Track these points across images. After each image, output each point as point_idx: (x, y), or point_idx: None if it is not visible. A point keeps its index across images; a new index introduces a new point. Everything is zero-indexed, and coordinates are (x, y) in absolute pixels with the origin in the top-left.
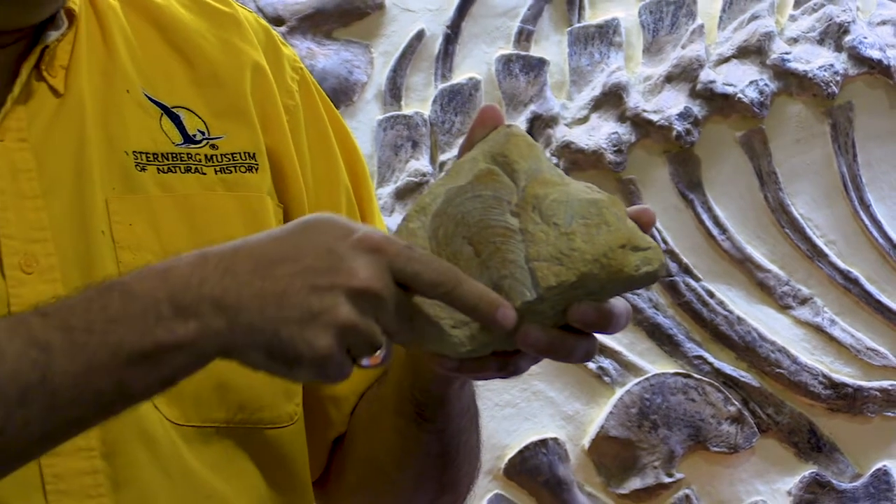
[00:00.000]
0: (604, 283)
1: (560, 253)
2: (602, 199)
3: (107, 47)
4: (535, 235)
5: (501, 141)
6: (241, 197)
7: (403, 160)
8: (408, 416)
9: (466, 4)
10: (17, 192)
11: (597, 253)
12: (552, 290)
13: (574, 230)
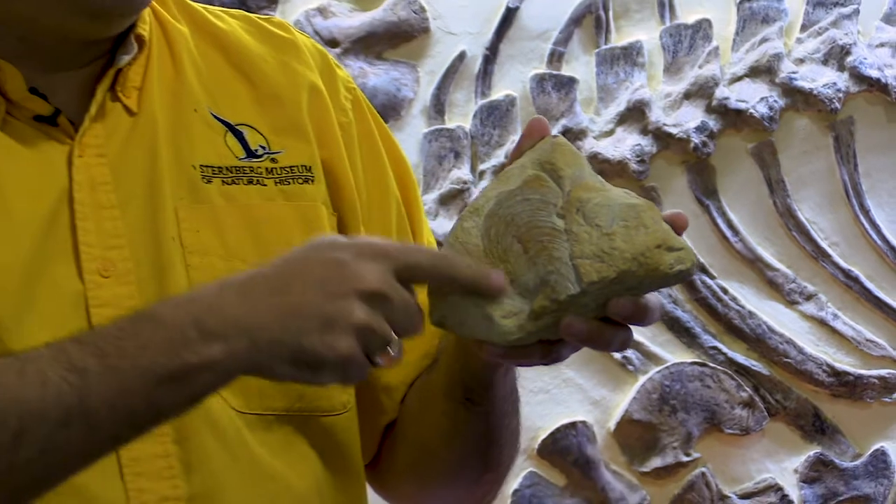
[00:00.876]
0: (641, 280)
1: (602, 252)
2: (640, 204)
3: (176, 69)
4: (578, 235)
5: (548, 150)
6: (299, 206)
7: (446, 169)
8: (457, 399)
9: (504, 28)
10: (95, 204)
11: (635, 252)
12: (594, 285)
13: (615, 231)
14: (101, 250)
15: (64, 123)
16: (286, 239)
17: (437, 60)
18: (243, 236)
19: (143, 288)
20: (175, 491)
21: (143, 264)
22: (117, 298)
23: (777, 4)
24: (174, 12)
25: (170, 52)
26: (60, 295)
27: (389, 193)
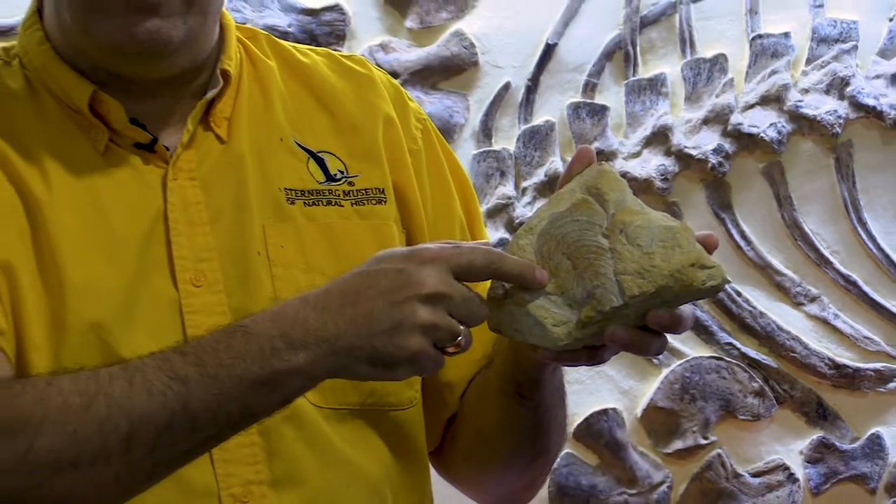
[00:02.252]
0: (677, 294)
1: (642, 269)
2: (676, 227)
3: (265, 102)
4: (621, 254)
5: (595, 176)
6: (372, 224)
7: (493, 186)
8: (510, 394)
9: (544, 62)
10: (188, 221)
11: (672, 269)
12: (635, 299)
13: (654, 251)
14: (193, 262)
15: (160, 150)
16: (361, 254)
17: (484, 90)
18: (322, 251)
19: (231, 296)
20: (258, 476)
21: (230, 275)
22: (208, 305)
23: (785, 41)
24: (265, 49)
25: (259, 85)
26: (158, 303)
27: (454, 212)
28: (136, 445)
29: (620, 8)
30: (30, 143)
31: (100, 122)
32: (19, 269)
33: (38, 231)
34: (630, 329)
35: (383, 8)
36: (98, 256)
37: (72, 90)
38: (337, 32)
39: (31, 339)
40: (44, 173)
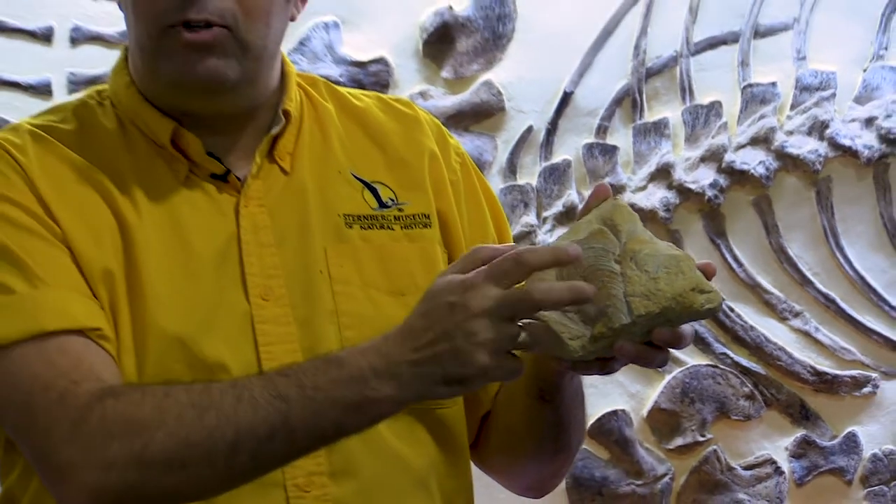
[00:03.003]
0: (678, 314)
1: (649, 291)
2: (680, 255)
3: (324, 139)
4: (631, 278)
5: (610, 209)
6: (419, 246)
7: (518, 216)
8: (534, 396)
9: (562, 108)
10: (258, 243)
11: (675, 293)
12: (642, 317)
13: (659, 276)
14: (263, 279)
15: (233, 180)
16: (409, 271)
17: (510, 132)
18: (376, 270)
19: (295, 309)
20: (319, 467)
21: (294, 291)
22: (275, 317)
23: (772, 89)
24: (323, 93)
25: (318, 125)
26: (233, 314)
27: (488, 234)
28: (240, 452)
29: (628, 61)
30: (122, 173)
31: (181, 154)
32: (116, 278)
33: (129, 249)
34: (637, 344)
35: (422, 60)
36: (179, 273)
37: (156, 127)
38: (381, 82)
39: (122, 342)
40: (133, 199)
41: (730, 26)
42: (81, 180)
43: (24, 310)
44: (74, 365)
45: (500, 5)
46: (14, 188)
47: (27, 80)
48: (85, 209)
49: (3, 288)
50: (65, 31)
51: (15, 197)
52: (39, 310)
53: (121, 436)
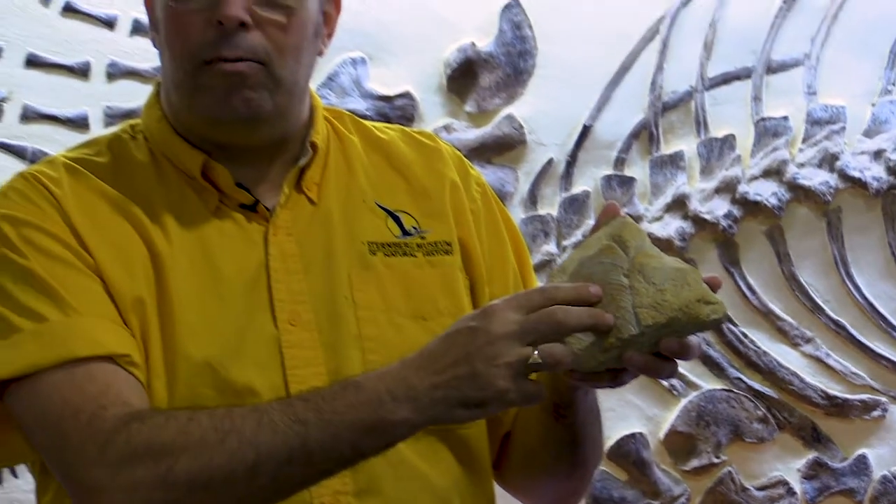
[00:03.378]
0: (685, 325)
1: (656, 303)
2: (686, 268)
3: (349, 170)
4: (639, 290)
5: (618, 226)
6: (441, 272)
7: (539, 245)
8: (549, 413)
9: (581, 141)
10: (286, 270)
11: (681, 304)
12: (650, 328)
13: (666, 288)
14: (290, 305)
15: (261, 210)
16: (431, 297)
17: (531, 165)
18: (400, 295)
19: (321, 333)
20: (344, 486)
21: (321, 315)
22: (302, 341)
23: (784, 123)
24: (349, 126)
25: (344, 157)
26: (261, 338)
27: (507, 261)
28: (260, 474)
29: (645, 95)
30: (154, 204)
31: (211, 185)
32: (148, 306)
33: (160, 278)
34: (645, 355)
35: (446, 95)
36: (210, 299)
37: (186, 159)
38: (407, 116)
39: (153, 368)
40: (165, 229)
41: (743, 62)
42: (114, 212)
43: (57, 337)
44: (103, 390)
45: (522, 42)
46: (49, 219)
47: (65, 114)
48: (117, 240)
49: (36, 316)
50: (101, 67)
51: (49, 228)
52: (71, 337)
53: (146, 458)
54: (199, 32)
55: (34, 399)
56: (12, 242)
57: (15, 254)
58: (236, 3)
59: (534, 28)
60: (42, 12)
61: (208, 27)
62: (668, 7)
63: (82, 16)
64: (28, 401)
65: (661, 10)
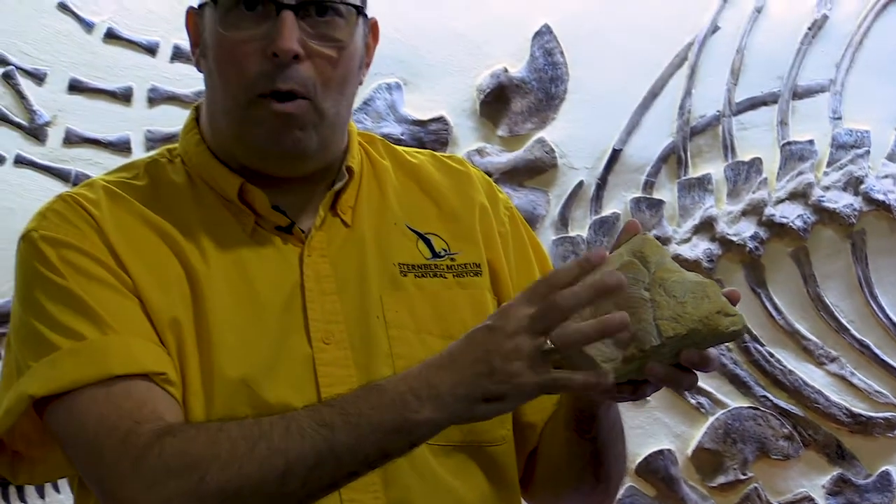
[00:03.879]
0: (704, 337)
1: (676, 315)
2: (705, 281)
3: (381, 194)
4: (659, 303)
5: (639, 243)
6: (470, 293)
7: None
8: (573, 429)
9: (611, 164)
10: (320, 291)
11: (701, 316)
12: (670, 339)
13: (686, 300)
14: (324, 324)
15: (297, 232)
16: (461, 317)
17: (562, 188)
18: (430, 315)
19: (354, 352)
20: (376, 501)
21: (354, 335)
22: (336, 359)
23: (809, 147)
24: (381, 151)
25: (376, 181)
26: (295, 357)
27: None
28: (290, 480)
29: (674, 120)
30: (191, 226)
31: (247, 208)
32: (184, 326)
33: (197, 297)
34: (666, 366)
35: (479, 119)
36: (246, 319)
37: (224, 183)
38: (441, 140)
39: (190, 386)
40: (202, 250)
41: (769, 88)
42: (151, 233)
43: (94, 355)
44: (138, 407)
45: (553, 68)
46: (88, 241)
47: (108, 138)
48: (154, 261)
49: (75, 335)
50: (143, 92)
51: (89, 249)
52: (108, 355)
53: (178, 471)
54: (252, 63)
55: (72, 415)
56: (52, 263)
57: (54, 274)
58: (292, 37)
59: (565, 54)
60: (85, 39)
61: (262, 59)
62: (697, 34)
63: (124, 42)
64: (66, 417)
65: (689, 36)
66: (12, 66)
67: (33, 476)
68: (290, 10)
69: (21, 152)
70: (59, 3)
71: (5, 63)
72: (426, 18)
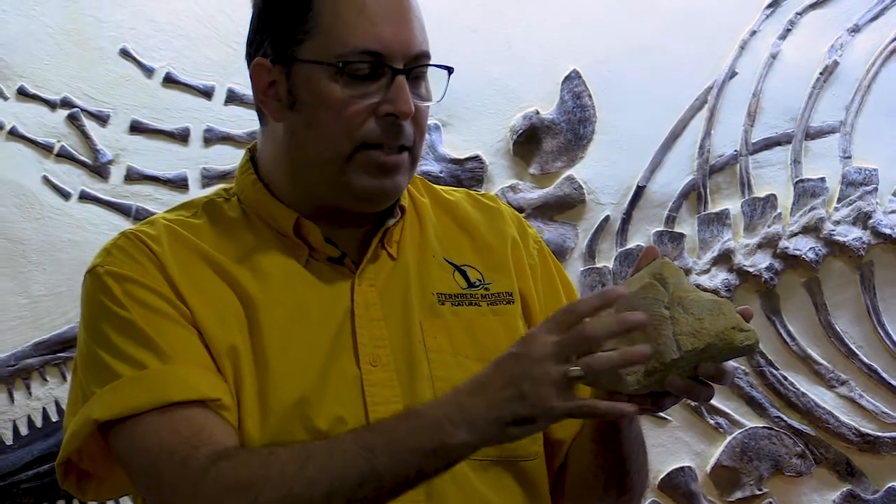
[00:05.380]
0: (720, 350)
1: (694, 330)
2: (721, 300)
3: (421, 229)
4: (678, 320)
5: (658, 266)
6: (503, 320)
7: None
8: (598, 442)
9: (635, 200)
10: (368, 317)
11: (717, 331)
12: (689, 353)
13: (703, 317)
14: (372, 348)
15: (348, 263)
16: (495, 341)
17: (590, 222)
18: (466, 340)
19: (399, 374)
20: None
21: (398, 358)
22: (382, 381)
23: (821, 184)
24: (420, 190)
25: (417, 217)
26: (345, 379)
27: None
28: (336, 499)
29: (694, 159)
30: (248, 258)
31: (302, 241)
32: (242, 352)
33: (254, 325)
34: (685, 379)
35: (512, 158)
36: (300, 345)
37: (281, 218)
38: (477, 177)
39: (246, 407)
40: (258, 280)
41: (783, 129)
42: (208, 269)
43: (154, 383)
44: (196, 432)
45: (581, 110)
46: (149, 275)
47: (166, 175)
48: (211, 294)
49: (137, 364)
50: (199, 132)
51: (150, 283)
52: (167, 383)
53: (233, 492)
54: (364, 120)
55: (133, 439)
56: (116, 296)
57: (118, 307)
58: (410, 100)
59: (593, 97)
60: (146, 83)
61: (375, 117)
62: (716, 78)
63: (182, 86)
64: (128, 441)
65: (708, 80)
66: (77, 109)
67: (99, 493)
68: (402, 73)
69: (85, 188)
70: (122, 50)
71: (71, 105)
72: (464, 65)
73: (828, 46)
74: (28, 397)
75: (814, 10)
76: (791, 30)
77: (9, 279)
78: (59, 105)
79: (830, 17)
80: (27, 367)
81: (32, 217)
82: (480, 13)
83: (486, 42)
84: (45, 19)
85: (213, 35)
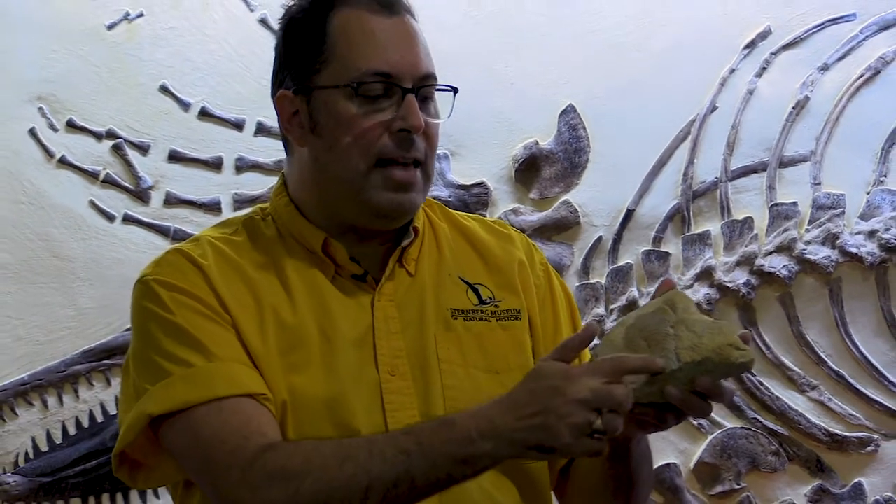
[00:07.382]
0: (717, 365)
1: (694, 345)
2: (722, 322)
3: (438, 249)
4: (681, 337)
5: (671, 294)
6: (511, 334)
7: (590, 308)
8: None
9: (625, 222)
10: (387, 330)
11: (715, 346)
12: (687, 364)
13: (704, 335)
14: (390, 359)
15: (370, 280)
16: (503, 354)
17: (584, 242)
18: (476, 353)
19: (415, 382)
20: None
21: (414, 367)
22: (399, 388)
23: (794, 208)
24: (438, 214)
25: (434, 238)
26: (367, 385)
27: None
28: (371, 495)
29: (678, 185)
30: (282, 272)
31: (329, 259)
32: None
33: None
34: (683, 391)
35: (514, 185)
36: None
37: (310, 237)
38: (482, 202)
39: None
40: (291, 293)
41: (759, 158)
42: (248, 280)
43: (203, 380)
44: (245, 423)
45: (577, 141)
46: (195, 285)
47: (201, 199)
48: (248, 303)
49: (185, 363)
50: (231, 161)
51: (196, 292)
52: (215, 379)
53: (279, 481)
54: (379, 135)
55: (186, 431)
56: (164, 302)
57: (166, 312)
58: (420, 116)
59: (587, 129)
60: (183, 116)
61: (388, 133)
62: (698, 112)
63: (215, 119)
64: (180, 433)
65: (692, 114)
66: (121, 139)
67: (148, 482)
68: (412, 92)
69: (128, 211)
70: (161, 86)
71: (115, 136)
72: (470, 100)
73: (799, 83)
74: (76, 400)
75: (787, 51)
76: (766, 68)
77: (59, 293)
78: (104, 136)
79: (802, 56)
80: (75, 373)
81: (80, 237)
82: (486, 53)
83: (491, 79)
84: (92, 59)
85: (244, 73)
